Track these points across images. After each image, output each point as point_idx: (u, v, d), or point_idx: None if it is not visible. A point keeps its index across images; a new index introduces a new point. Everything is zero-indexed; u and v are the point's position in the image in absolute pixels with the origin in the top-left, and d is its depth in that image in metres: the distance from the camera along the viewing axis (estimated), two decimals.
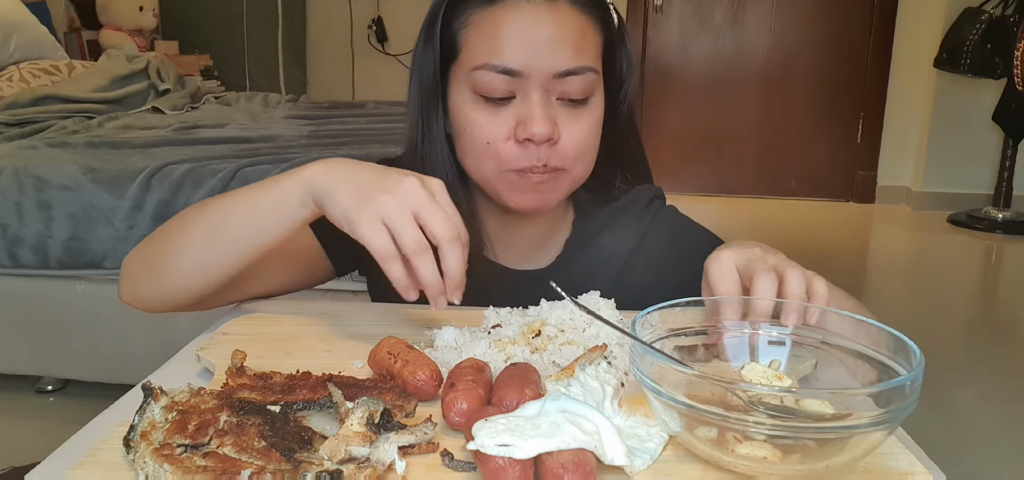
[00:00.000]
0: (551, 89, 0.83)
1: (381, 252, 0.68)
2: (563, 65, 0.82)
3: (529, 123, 0.82)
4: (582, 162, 0.88)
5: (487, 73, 0.83)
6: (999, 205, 4.18)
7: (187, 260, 0.80)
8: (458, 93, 0.87)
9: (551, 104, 0.84)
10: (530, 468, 0.49)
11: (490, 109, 0.84)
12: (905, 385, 0.49)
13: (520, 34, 0.82)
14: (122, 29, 3.70)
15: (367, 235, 0.68)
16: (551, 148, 0.84)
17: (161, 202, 1.91)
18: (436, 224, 0.69)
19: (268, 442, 0.51)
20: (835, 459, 0.50)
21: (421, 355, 0.65)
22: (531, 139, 0.82)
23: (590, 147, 0.88)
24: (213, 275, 0.80)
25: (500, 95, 0.83)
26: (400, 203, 0.68)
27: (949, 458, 2.00)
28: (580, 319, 0.74)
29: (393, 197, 0.68)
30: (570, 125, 0.85)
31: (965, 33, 3.95)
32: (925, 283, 3.53)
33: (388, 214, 0.68)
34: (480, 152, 0.86)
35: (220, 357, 0.69)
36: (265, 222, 0.76)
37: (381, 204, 0.68)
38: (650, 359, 0.53)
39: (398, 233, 0.68)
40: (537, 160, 0.84)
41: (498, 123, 0.84)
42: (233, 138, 2.33)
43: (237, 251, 0.78)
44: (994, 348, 2.78)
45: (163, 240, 0.84)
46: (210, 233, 0.79)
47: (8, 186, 1.94)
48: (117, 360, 2.03)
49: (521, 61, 0.82)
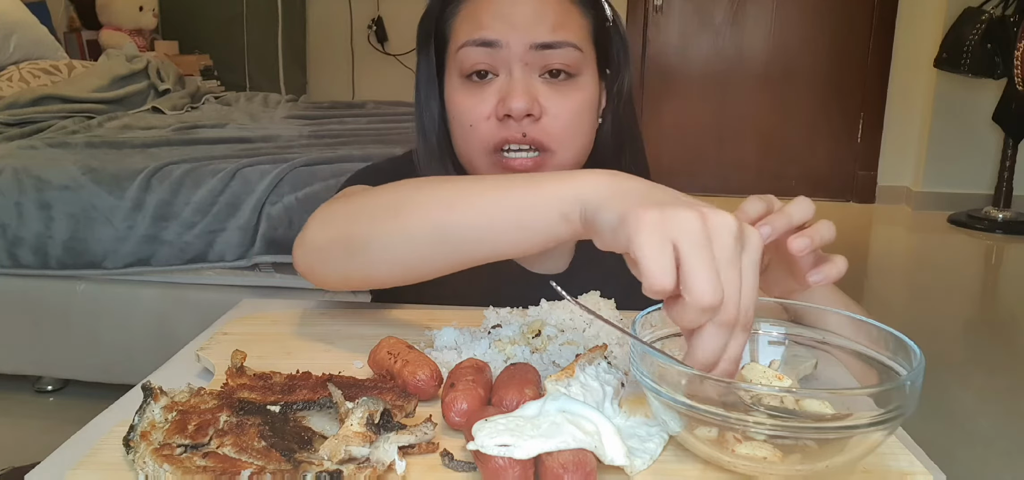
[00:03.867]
0: (531, 63, 0.85)
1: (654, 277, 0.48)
2: (542, 37, 0.84)
3: (508, 97, 0.84)
4: (569, 144, 0.87)
5: (469, 49, 0.85)
6: (999, 205, 4.18)
7: (395, 251, 0.67)
8: (449, 82, 0.89)
9: (533, 80, 0.85)
10: (530, 468, 0.49)
11: (473, 89, 0.86)
12: (905, 385, 0.49)
13: (500, 12, 0.85)
14: (122, 29, 3.70)
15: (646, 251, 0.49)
16: (533, 123, 0.85)
17: (161, 202, 1.91)
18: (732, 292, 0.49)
19: (268, 442, 0.51)
20: (835, 459, 0.50)
21: (421, 355, 0.65)
22: (510, 115, 0.83)
23: (578, 128, 0.87)
24: (422, 270, 0.68)
25: (482, 68, 0.85)
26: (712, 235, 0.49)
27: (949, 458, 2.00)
28: (580, 319, 0.74)
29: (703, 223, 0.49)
30: (554, 101, 0.85)
31: (965, 33, 3.95)
32: (925, 283, 3.53)
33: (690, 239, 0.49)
34: (465, 134, 0.88)
35: (220, 357, 0.69)
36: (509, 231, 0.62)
37: (685, 222, 0.49)
38: (650, 359, 0.53)
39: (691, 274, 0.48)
40: (517, 131, 0.84)
41: (480, 102, 0.86)
42: (233, 138, 2.33)
43: (463, 255, 0.65)
44: (994, 348, 2.77)
45: (366, 219, 0.70)
46: (432, 227, 0.65)
47: (8, 186, 1.95)
48: (117, 360, 2.03)
49: (500, 32, 0.84)
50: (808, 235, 0.60)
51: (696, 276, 0.48)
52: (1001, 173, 4.20)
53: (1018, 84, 3.78)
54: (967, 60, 3.94)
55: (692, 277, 0.48)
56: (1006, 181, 4.17)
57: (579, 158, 0.90)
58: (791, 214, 0.61)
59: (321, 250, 0.73)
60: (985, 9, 3.96)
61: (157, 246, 1.92)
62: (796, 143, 4.63)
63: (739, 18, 4.53)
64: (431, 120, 0.93)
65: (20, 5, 3.12)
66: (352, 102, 3.34)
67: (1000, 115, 4.05)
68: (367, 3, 4.63)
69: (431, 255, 0.66)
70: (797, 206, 0.62)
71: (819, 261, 0.62)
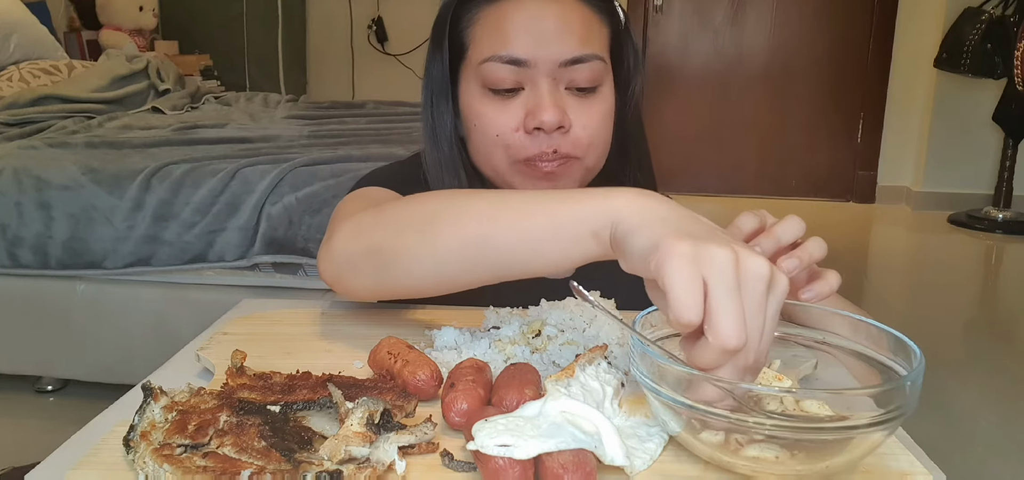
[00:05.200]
0: (559, 78, 0.84)
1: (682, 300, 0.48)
2: (569, 53, 0.83)
3: (538, 111, 0.83)
4: (594, 151, 0.88)
5: (494, 64, 0.84)
6: (999, 205, 4.18)
7: (428, 265, 0.66)
8: (467, 90, 0.88)
9: (560, 93, 0.84)
10: (530, 468, 0.49)
11: (499, 101, 0.85)
12: (905, 385, 0.49)
13: (526, 25, 0.83)
14: (122, 29, 3.70)
15: (675, 279, 0.48)
16: (562, 136, 0.84)
17: (161, 202, 1.91)
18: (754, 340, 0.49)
19: (268, 442, 0.51)
20: (835, 460, 0.50)
21: (421, 355, 0.65)
22: (541, 128, 0.83)
23: (602, 136, 0.88)
24: (455, 283, 0.68)
25: (508, 86, 0.84)
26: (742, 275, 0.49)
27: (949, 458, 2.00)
28: (580, 319, 0.74)
29: (737, 261, 0.49)
30: (581, 113, 0.85)
31: (965, 33, 3.95)
32: (925, 283, 3.53)
33: (720, 275, 0.48)
34: (490, 145, 0.87)
35: (220, 357, 0.69)
36: (544, 247, 0.61)
37: (718, 258, 0.48)
38: (650, 359, 0.53)
39: (718, 311, 0.48)
40: (548, 146, 0.84)
41: (507, 114, 0.85)
42: (233, 138, 2.33)
43: (496, 270, 0.64)
44: (994, 348, 2.77)
45: (396, 231, 0.69)
46: (466, 242, 0.64)
47: (8, 186, 1.95)
48: (117, 360, 2.03)
49: (527, 50, 0.82)
50: (797, 255, 0.62)
51: (724, 318, 0.47)
52: (1001, 173, 4.20)
53: (1018, 84, 3.78)
54: (967, 60, 3.94)
55: (719, 318, 0.47)
56: (1006, 181, 4.17)
57: (599, 164, 0.90)
58: (780, 236, 0.63)
59: (351, 261, 0.71)
60: (985, 9, 3.96)
61: (157, 246, 1.92)
62: (796, 143, 4.63)
63: (739, 18, 4.53)
64: (444, 129, 0.91)
65: (20, 5, 3.12)
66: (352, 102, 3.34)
67: (1000, 115, 4.05)
68: (367, 3, 4.63)
69: (465, 269, 0.66)
70: (786, 226, 0.64)
71: (812, 277, 0.64)
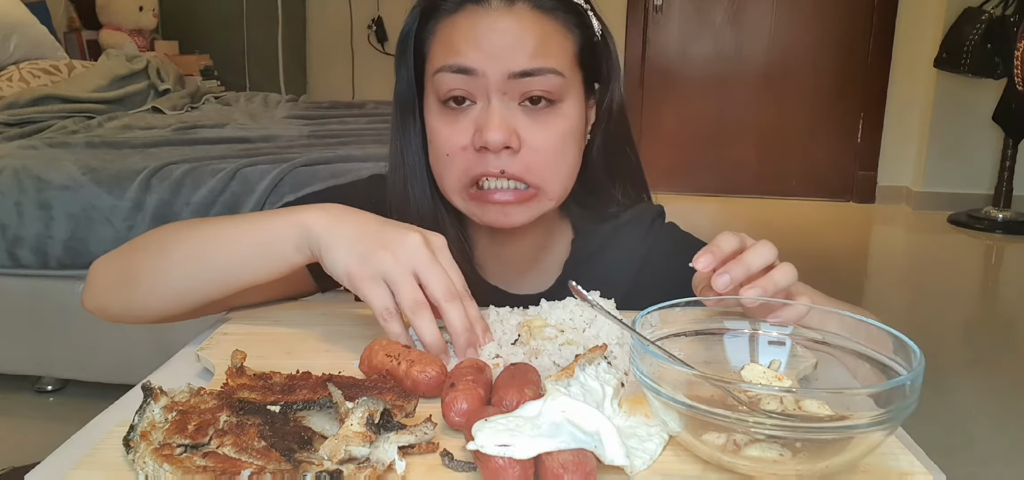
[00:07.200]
0: (510, 92, 0.80)
1: (380, 310, 0.69)
2: (520, 65, 0.79)
3: (484, 129, 0.80)
4: (553, 178, 0.84)
5: (445, 74, 0.81)
6: (999, 205, 4.18)
7: (164, 282, 0.79)
8: (428, 106, 0.86)
9: (511, 110, 0.81)
10: (530, 468, 0.49)
11: (451, 117, 0.82)
12: (905, 385, 0.49)
13: (477, 35, 0.80)
14: (122, 29, 3.70)
15: (368, 294, 0.69)
16: (512, 156, 0.81)
17: (161, 202, 1.91)
18: (435, 285, 0.69)
19: (268, 442, 0.51)
20: (835, 459, 0.50)
21: (425, 353, 0.65)
22: (487, 147, 0.80)
23: (560, 159, 0.84)
24: (189, 300, 0.79)
25: (458, 95, 0.81)
26: (400, 262, 0.69)
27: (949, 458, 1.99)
28: (580, 319, 0.74)
29: (393, 256, 0.69)
30: (533, 132, 0.81)
31: (965, 33, 3.95)
32: (925, 283, 3.53)
33: (388, 272, 0.69)
34: (442, 165, 0.84)
35: (220, 357, 0.69)
36: (254, 261, 0.75)
37: (382, 262, 0.69)
38: (650, 359, 0.53)
39: (397, 292, 0.69)
40: (495, 167, 0.81)
41: (457, 131, 0.82)
42: (233, 138, 2.33)
43: (219, 283, 0.77)
44: (994, 348, 2.78)
45: (139, 255, 0.82)
46: (192, 260, 0.78)
47: (8, 186, 1.94)
48: (117, 360, 2.03)
49: (477, 60, 0.80)
50: (760, 285, 0.63)
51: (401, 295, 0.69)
52: (1001, 173, 4.20)
53: (1018, 84, 3.78)
54: (967, 60, 3.95)
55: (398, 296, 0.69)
56: (1006, 181, 4.17)
57: (566, 187, 0.86)
58: (749, 263, 0.64)
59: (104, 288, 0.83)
60: (985, 9, 3.96)
61: None
62: (796, 143, 4.63)
63: (739, 18, 4.53)
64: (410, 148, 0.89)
65: (20, 5, 3.12)
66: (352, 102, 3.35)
67: (1000, 115, 4.05)
68: (367, 3, 4.63)
69: (192, 288, 0.78)
70: (756, 253, 0.65)
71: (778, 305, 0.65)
